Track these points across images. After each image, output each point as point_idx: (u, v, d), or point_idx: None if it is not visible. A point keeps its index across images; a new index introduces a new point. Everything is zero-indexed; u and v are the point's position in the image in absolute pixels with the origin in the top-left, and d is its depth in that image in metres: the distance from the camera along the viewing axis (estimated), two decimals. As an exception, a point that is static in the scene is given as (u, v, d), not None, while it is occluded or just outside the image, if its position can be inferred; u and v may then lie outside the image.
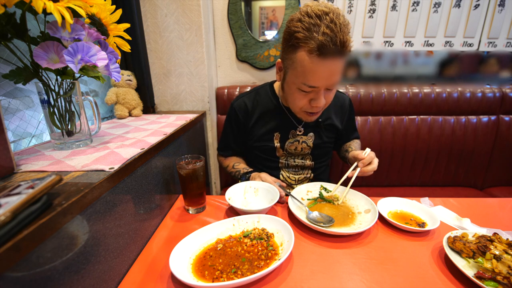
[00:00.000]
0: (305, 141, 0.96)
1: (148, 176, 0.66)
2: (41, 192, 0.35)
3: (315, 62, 0.68)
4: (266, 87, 0.99)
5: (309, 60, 0.69)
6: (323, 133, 0.97)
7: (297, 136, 0.95)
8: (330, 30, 0.65)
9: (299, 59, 0.71)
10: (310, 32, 0.67)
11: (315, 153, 0.99)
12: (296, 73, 0.74)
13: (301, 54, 0.70)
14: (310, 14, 0.67)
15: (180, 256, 0.54)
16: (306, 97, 0.78)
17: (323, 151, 1.01)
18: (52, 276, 0.36)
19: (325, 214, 0.71)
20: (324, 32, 0.65)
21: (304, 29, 0.67)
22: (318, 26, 0.66)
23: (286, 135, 0.95)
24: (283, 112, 0.94)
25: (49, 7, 0.45)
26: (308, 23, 0.67)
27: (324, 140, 0.98)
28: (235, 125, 1.00)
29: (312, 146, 0.97)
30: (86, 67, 0.56)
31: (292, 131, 0.95)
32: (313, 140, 0.96)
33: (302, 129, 0.95)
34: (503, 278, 0.47)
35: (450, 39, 1.39)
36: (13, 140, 0.68)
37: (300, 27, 0.68)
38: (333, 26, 0.65)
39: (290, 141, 0.96)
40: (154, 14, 1.16)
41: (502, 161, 1.42)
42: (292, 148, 0.96)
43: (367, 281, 0.51)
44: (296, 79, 0.75)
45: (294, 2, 1.33)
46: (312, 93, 0.77)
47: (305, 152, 0.98)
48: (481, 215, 0.74)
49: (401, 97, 1.35)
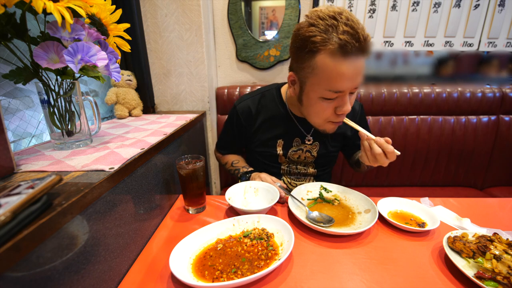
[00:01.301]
0: (309, 150, 0.92)
1: (148, 176, 0.66)
2: (41, 192, 0.35)
3: (339, 63, 0.62)
4: (272, 91, 0.93)
5: (333, 63, 0.63)
6: (329, 142, 0.93)
7: (301, 145, 0.92)
8: (349, 27, 0.60)
9: (320, 64, 0.64)
10: (328, 33, 0.61)
11: (318, 162, 0.96)
12: (318, 80, 0.67)
13: (321, 58, 0.64)
14: (322, 17, 0.62)
15: (180, 256, 0.54)
16: (331, 106, 0.71)
17: (327, 160, 0.97)
18: (52, 276, 0.36)
19: (325, 214, 0.71)
20: (345, 30, 0.60)
21: (321, 31, 0.62)
22: (335, 26, 0.61)
23: (290, 143, 0.92)
24: (291, 120, 0.89)
25: (49, 7, 0.45)
26: (324, 25, 0.62)
27: (329, 149, 0.94)
28: (236, 127, 0.97)
29: (316, 156, 0.94)
30: (86, 67, 0.56)
31: (297, 139, 0.91)
32: (318, 149, 0.93)
33: (311, 138, 0.91)
34: (503, 278, 0.47)
35: (450, 39, 1.39)
36: (13, 140, 0.68)
37: (316, 30, 0.62)
38: (352, 23, 0.60)
39: (293, 150, 0.92)
40: (154, 14, 1.16)
41: (502, 161, 1.42)
42: (296, 157, 0.93)
43: (367, 281, 0.51)
44: (318, 88, 0.69)
45: (294, 2, 1.33)
46: (337, 100, 0.70)
47: (309, 161, 0.95)
48: (481, 215, 0.74)
49: (401, 97, 1.35)
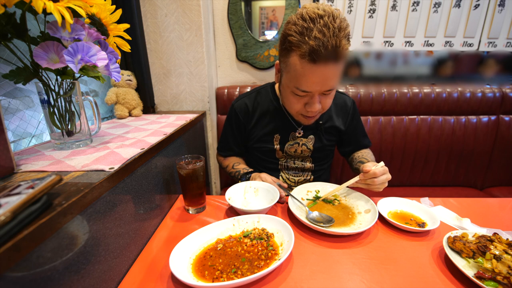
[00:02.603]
0: (305, 143, 0.95)
1: (148, 176, 0.66)
2: (41, 192, 0.35)
3: (306, 67, 0.67)
4: (267, 88, 0.98)
5: (301, 65, 0.67)
6: (323, 136, 0.96)
7: (297, 139, 0.94)
8: (322, 34, 0.62)
9: (292, 63, 0.70)
10: (303, 36, 0.65)
11: (315, 156, 0.98)
12: (290, 77, 0.73)
13: (293, 58, 0.69)
14: (304, 17, 0.65)
15: (180, 256, 0.54)
16: (300, 101, 0.77)
17: (324, 154, 1.00)
18: (52, 276, 0.36)
19: (325, 214, 0.71)
20: (316, 37, 0.63)
21: (297, 32, 0.65)
22: (310, 30, 0.63)
23: (286, 137, 0.94)
24: (283, 114, 0.93)
25: (49, 7, 0.45)
26: (301, 27, 0.65)
27: (324, 143, 0.96)
28: (235, 126, 0.99)
29: (312, 149, 0.96)
30: (86, 67, 0.56)
31: (292, 133, 0.94)
32: (313, 143, 0.95)
33: (301, 131, 0.94)
34: (503, 278, 0.47)
35: (450, 39, 1.39)
36: (13, 140, 0.68)
37: (294, 30, 0.66)
38: (326, 30, 0.62)
39: (290, 143, 0.95)
40: (154, 14, 1.16)
41: (502, 161, 1.42)
42: (292, 151, 0.96)
43: (367, 281, 0.51)
44: (289, 83, 0.74)
45: (294, 2, 1.33)
46: (306, 98, 0.76)
47: (305, 155, 0.97)
48: (481, 215, 0.74)
49: (401, 97, 1.35)
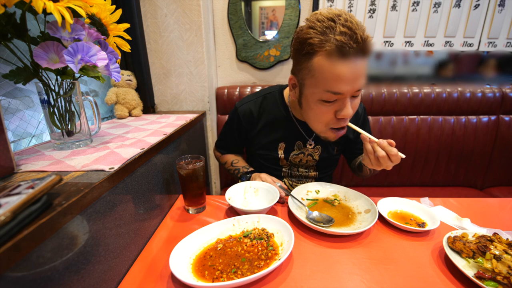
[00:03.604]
0: (311, 154, 0.92)
1: (148, 176, 0.66)
2: (41, 192, 0.35)
3: (335, 64, 0.61)
4: (274, 93, 0.92)
5: (329, 64, 0.62)
6: (331, 146, 0.92)
7: (303, 149, 0.91)
8: (347, 28, 0.59)
9: (317, 66, 0.64)
10: (325, 35, 0.61)
11: (320, 165, 0.95)
12: (316, 82, 0.66)
13: (318, 59, 0.63)
14: (320, 19, 0.62)
15: (180, 256, 0.54)
16: (330, 109, 0.69)
17: (329, 163, 0.97)
18: (52, 276, 0.36)
19: (325, 214, 0.71)
20: (342, 31, 0.59)
21: (318, 33, 0.61)
22: (332, 28, 0.60)
23: (291, 147, 0.91)
24: (293, 123, 0.89)
25: (49, 7, 0.45)
26: (321, 27, 0.61)
27: (331, 153, 0.93)
28: (237, 129, 0.97)
29: (318, 160, 0.93)
30: (86, 67, 0.56)
31: (298, 142, 0.90)
32: (320, 153, 0.92)
33: (312, 143, 0.90)
34: (503, 278, 0.47)
35: (450, 39, 1.39)
36: (13, 140, 0.68)
37: (313, 32, 0.62)
38: (350, 24, 0.59)
39: (295, 153, 0.91)
40: (154, 14, 1.16)
41: (502, 161, 1.42)
42: (297, 160, 0.93)
43: (367, 281, 0.51)
44: (316, 89, 0.67)
45: (294, 2, 1.33)
46: (337, 103, 0.68)
47: (310, 164, 0.94)
48: (481, 215, 0.74)
49: (401, 97, 1.35)
